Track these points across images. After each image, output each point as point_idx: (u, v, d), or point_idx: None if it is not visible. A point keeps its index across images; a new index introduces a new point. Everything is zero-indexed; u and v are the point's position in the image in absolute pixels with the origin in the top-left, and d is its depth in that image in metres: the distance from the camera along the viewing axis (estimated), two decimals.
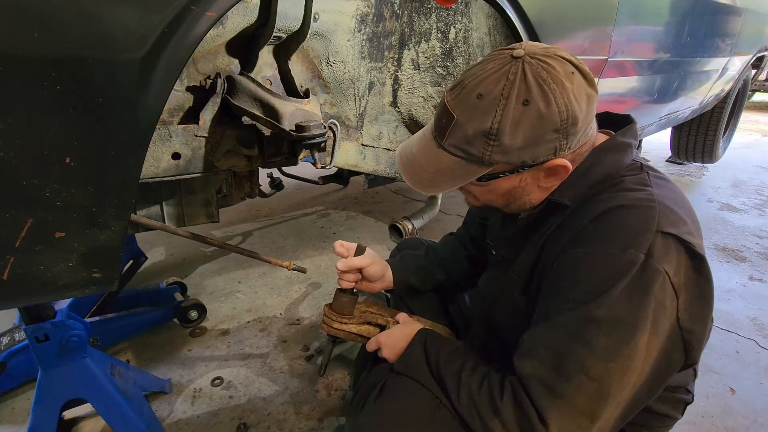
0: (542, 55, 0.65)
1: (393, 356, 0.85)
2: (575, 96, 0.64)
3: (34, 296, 0.74)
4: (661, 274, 0.61)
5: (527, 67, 0.63)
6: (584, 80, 0.65)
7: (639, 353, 0.61)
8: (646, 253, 0.61)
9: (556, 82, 0.63)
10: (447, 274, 1.10)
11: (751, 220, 2.86)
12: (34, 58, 0.57)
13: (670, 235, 0.63)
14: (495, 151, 0.66)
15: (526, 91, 0.63)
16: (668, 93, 2.38)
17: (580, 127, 0.66)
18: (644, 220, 0.64)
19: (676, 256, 0.63)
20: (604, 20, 1.60)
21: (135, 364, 1.50)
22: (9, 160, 0.59)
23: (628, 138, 0.75)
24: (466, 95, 0.66)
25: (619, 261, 0.62)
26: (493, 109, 0.64)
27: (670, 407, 0.81)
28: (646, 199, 0.67)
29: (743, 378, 1.48)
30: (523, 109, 0.63)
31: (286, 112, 0.95)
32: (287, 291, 1.97)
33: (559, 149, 0.66)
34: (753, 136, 5.52)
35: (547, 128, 0.64)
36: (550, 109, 0.63)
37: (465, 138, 0.67)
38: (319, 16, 1.04)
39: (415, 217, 1.70)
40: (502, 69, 0.65)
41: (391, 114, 1.37)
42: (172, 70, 0.69)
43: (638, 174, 0.72)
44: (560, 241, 0.71)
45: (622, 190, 0.69)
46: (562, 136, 0.65)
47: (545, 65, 0.63)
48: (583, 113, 0.65)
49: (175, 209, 1.13)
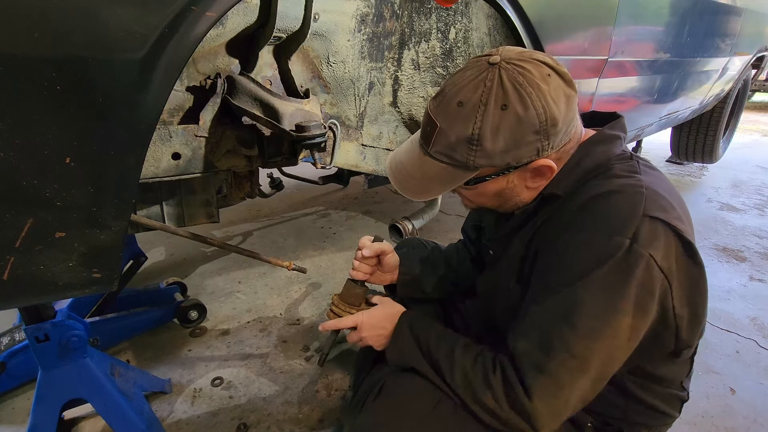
0: (517, 59, 0.67)
1: (374, 337, 0.85)
2: (552, 97, 0.65)
3: (34, 296, 0.74)
4: (644, 258, 0.63)
5: (503, 73, 0.65)
6: (562, 81, 0.67)
7: (622, 334, 0.65)
8: (631, 238, 0.63)
9: (531, 85, 0.65)
10: (450, 269, 1.11)
11: (751, 220, 2.86)
12: (34, 58, 0.57)
13: (657, 220, 0.65)
14: (478, 155, 0.68)
15: (504, 96, 0.65)
16: (668, 93, 2.38)
17: (561, 128, 0.67)
18: (631, 205, 0.66)
19: (665, 241, 0.65)
20: (604, 20, 1.60)
21: (135, 364, 1.50)
22: (9, 160, 0.59)
23: (616, 131, 0.77)
24: (447, 103, 0.69)
25: (605, 246, 0.64)
26: (473, 116, 0.66)
27: (665, 403, 0.81)
28: (634, 185, 0.69)
29: (743, 378, 1.48)
30: (502, 114, 0.65)
31: (286, 112, 0.95)
32: (287, 291, 1.97)
33: (542, 150, 0.68)
34: (753, 136, 5.52)
35: (526, 131, 0.66)
36: (528, 112, 0.65)
37: (449, 144, 0.69)
38: (319, 16, 1.04)
39: (415, 217, 1.70)
40: (480, 76, 0.67)
41: (391, 114, 1.37)
42: (172, 70, 0.69)
43: (628, 162, 0.74)
44: (551, 227, 0.73)
45: (611, 176, 0.71)
46: (543, 137, 0.67)
47: (520, 69, 0.65)
48: (562, 113, 0.66)
49: (175, 209, 1.13)
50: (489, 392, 0.69)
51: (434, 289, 1.10)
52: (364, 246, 1.00)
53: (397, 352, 0.82)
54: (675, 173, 3.90)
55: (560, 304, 0.66)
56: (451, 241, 1.23)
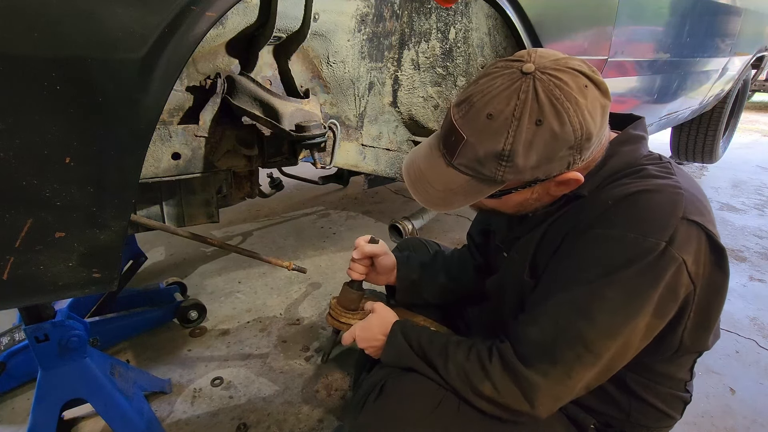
0: (553, 69, 0.62)
1: (368, 346, 0.87)
2: (590, 111, 0.62)
3: (34, 296, 0.74)
4: (678, 261, 0.62)
5: (539, 84, 0.61)
6: (598, 92, 0.63)
7: (639, 332, 0.65)
8: (667, 240, 0.62)
9: (569, 99, 0.60)
10: (451, 279, 1.08)
11: (751, 220, 2.86)
12: (34, 58, 0.57)
13: (694, 223, 0.64)
14: (508, 171, 0.64)
15: (539, 110, 0.60)
16: (668, 93, 2.38)
17: (594, 141, 0.65)
18: (671, 205, 0.64)
19: (697, 245, 0.64)
20: (604, 20, 1.60)
21: (135, 364, 1.50)
22: (9, 160, 0.59)
23: (640, 131, 0.76)
24: (475, 114, 0.64)
25: (639, 246, 0.63)
26: (504, 130, 0.62)
27: (668, 404, 0.81)
28: (673, 185, 0.67)
29: (743, 378, 1.48)
30: (536, 129, 0.61)
31: (286, 112, 0.95)
32: (287, 291, 1.97)
33: (572, 163, 0.65)
34: (753, 136, 5.52)
35: (561, 146, 0.62)
36: (564, 128, 0.61)
37: (476, 159, 0.65)
38: (319, 16, 1.04)
39: (415, 217, 1.70)
40: (513, 86, 0.62)
41: (391, 114, 1.37)
42: (172, 70, 0.69)
43: (661, 162, 0.73)
44: (571, 221, 0.71)
45: (647, 176, 0.69)
46: (576, 151, 0.64)
47: (557, 81, 0.61)
48: (597, 127, 0.64)
49: (175, 209, 1.13)
50: (487, 380, 0.70)
51: (433, 295, 1.08)
52: (357, 246, 0.99)
53: (391, 356, 0.83)
54: None
55: (582, 298, 0.65)
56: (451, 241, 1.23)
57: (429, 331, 0.83)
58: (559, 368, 0.66)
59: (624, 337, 0.65)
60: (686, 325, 0.69)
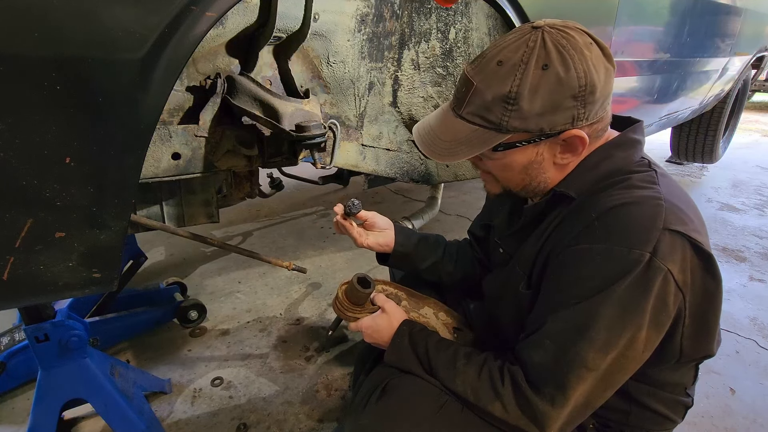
0: (561, 25, 0.67)
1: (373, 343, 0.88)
2: (594, 65, 0.65)
3: (34, 296, 0.74)
4: (663, 272, 0.63)
5: (547, 36, 0.65)
6: (602, 53, 0.67)
7: (638, 346, 0.65)
8: (651, 252, 0.62)
9: (575, 48, 0.64)
10: (448, 256, 1.09)
11: (751, 220, 2.86)
12: (34, 58, 0.57)
13: (677, 233, 0.64)
14: (513, 116, 0.66)
15: (546, 56, 0.64)
16: (668, 93, 2.38)
17: (598, 98, 0.66)
18: (651, 217, 0.65)
19: (682, 254, 0.64)
20: (604, 20, 1.60)
21: (135, 364, 1.50)
22: (9, 160, 0.59)
23: (637, 135, 0.76)
24: (486, 63, 0.68)
25: (624, 259, 0.63)
26: (512, 74, 0.65)
27: (669, 409, 0.80)
28: (654, 197, 0.67)
29: (743, 378, 1.48)
30: (542, 74, 0.64)
31: (286, 112, 0.95)
32: (287, 291, 1.97)
33: (577, 118, 0.67)
34: (753, 136, 5.52)
35: (565, 94, 0.65)
36: (569, 74, 0.64)
37: (484, 104, 0.68)
38: (319, 17, 1.04)
39: (415, 217, 1.70)
40: (522, 38, 0.66)
41: (391, 114, 1.37)
42: (172, 70, 0.69)
43: (646, 172, 0.73)
44: (565, 233, 0.72)
45: (630, 187, 0.70)
46: (580, 104, 0.65)
47: (564, 34, 0.65)
48: (602, 83, 0.66)
49: (175, 209, 1.13)
50: (497, 401, 0.70)
51: (428, 270, 1.08)
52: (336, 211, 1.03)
53: (394, 359, 0.83)
54: (675, 173, 3.89)
55: (578, 316, 0.66)
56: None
57: (436, 338, 0.82)
58: (567, 393, 0.66)
59: (623, 351, 0.65)
60: (683, 333, 0.69)
